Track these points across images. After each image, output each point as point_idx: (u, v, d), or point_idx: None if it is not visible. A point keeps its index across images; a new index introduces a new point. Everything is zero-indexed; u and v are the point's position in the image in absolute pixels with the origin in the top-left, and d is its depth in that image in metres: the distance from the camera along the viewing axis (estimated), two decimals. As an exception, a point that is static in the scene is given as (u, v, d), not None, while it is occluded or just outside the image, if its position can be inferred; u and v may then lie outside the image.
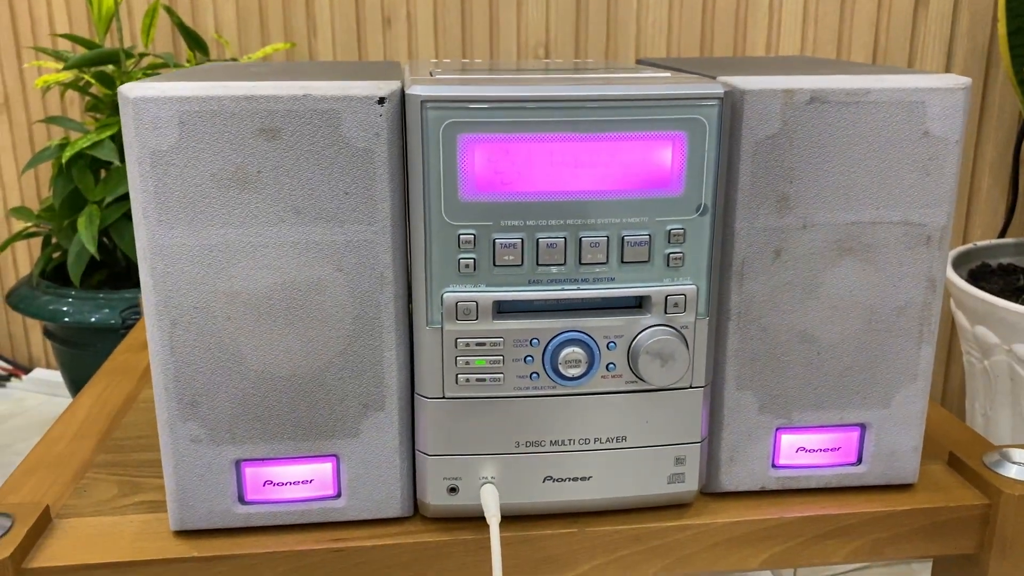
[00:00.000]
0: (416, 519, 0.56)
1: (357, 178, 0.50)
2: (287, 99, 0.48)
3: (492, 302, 0.51)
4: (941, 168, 0.54)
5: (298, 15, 1.31)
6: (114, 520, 0.56)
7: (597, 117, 0.49)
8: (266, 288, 0.51)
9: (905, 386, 0.58)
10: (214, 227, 0.49)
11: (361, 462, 0.54)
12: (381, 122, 0.49)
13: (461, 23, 1.28)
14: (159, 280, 0.50)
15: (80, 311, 1.22)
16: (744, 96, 0.51)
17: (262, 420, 0.53)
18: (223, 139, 0.48)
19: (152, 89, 0.47)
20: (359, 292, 0.51)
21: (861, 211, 0.54)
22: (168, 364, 0.51)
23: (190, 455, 0.53)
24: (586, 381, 0.53)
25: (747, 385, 0.56)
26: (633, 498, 0.56)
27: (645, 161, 0.50)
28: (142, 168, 0.48)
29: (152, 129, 0.48)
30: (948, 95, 0.53)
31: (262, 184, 0.49)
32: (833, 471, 0.59)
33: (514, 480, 0.54)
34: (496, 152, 0.49)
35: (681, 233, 0.52)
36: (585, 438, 0.54)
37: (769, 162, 0.53)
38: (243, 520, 0.54)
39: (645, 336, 0.52)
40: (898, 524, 0.58)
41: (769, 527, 0.57)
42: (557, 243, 0.51)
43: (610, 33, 1.25)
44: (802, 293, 0.55)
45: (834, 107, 0.52)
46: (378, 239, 0.51)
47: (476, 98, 0.48)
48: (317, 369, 0.52)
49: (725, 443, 0.57)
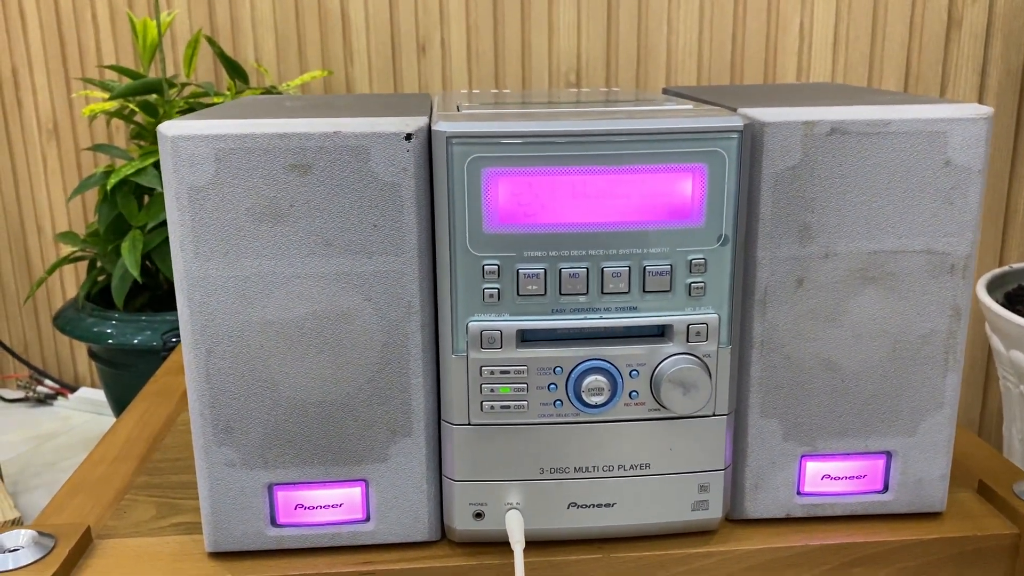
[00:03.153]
0: (443, 543, 0.57)
1: (385, 211, 0.51)
2: (318, 136, 0.50)
3: (516, 331, 0.52)
4: (964, 197, 0.54)
5: (335, 43, 1.35)
6: (152, 541, 0.58)
7: (618, 151, 0.50)
8: (298, 318, 0.52)
9: (931, 414, 0.58)
10: (248, 259, 0.51)
11: (389, 487, 0.56)
12: (408, 157, 0.50)
13: (494, 50, 1.30)
14: (196, 310, 0.52)
15: (123, 333, 1.25)
16: (764, 128, 0.52)
17: (294, 445, 0.54)
18: (257, 175, 0.50)
19: (189, 127, 0.50)
20: (387, 321, 0.53)
21: (883, 240, 0.54)
22: (204, 391, 0.53)
23: (224, 479, 0.55)
24: (609, 408, 0.54)
25: (771, 413, 0.57)
26: (657, 525, 0.56)
27: (666, 193, 0.51)
28: (180, 203, 0.50)
29: (189, 166, 0.50)
30: (970, 125, 0.53)
31: (294, 217, 0.51)
32: (859, 499, 0.59)
33: (539, 506, 0.55)
34: (519, 185, 0.50)
35: (702, 263, 0.52)
36: (609, 465, 0.55)
37: (790, 192, 0.53)
38: (275, 543, 0.56)
39: (667, 364, 0.53)
40: (926, 553, 0.58)
41: (794, 555, 0.57)
42: (579, 273, 0.52)
43: (640, 59, 1.26)
44: (825, 321, 0.55)
45: (854, 138, 0.53)
46: (405, 270, 0.52)
47: (500, 133, 0.49)
48: (347, 396, 0.54)
49: (750, 470, 0.58)
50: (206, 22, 1.38)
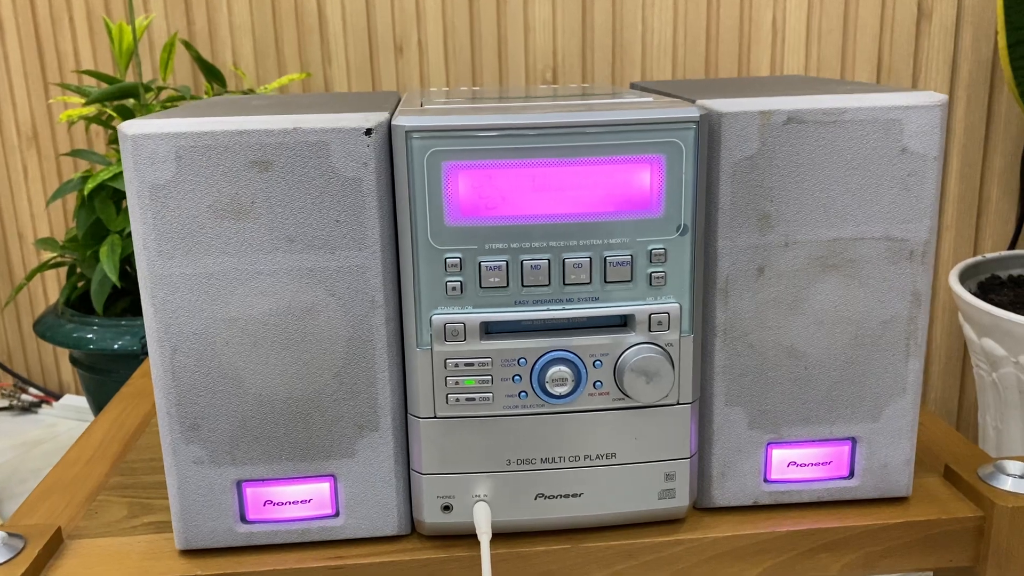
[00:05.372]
0: (413, 537, 0.58)
1: (347, 206, 0.51)
2: (278, 132, 0.50)
3: (479, 323, 0.53)
4: (921, 184, 0.55)
5: (313, 45, 1.35)
6: (123, 540, 0.58)
7: (577, 143, 0.51)
8: (262, 314, 0.53)
9: (894, 399, 0.58)
10: (211, 256, 0.52)
11: (358, 481, 0.56)
12: (369, 152, 0.51)
13: (471, 48, 1.31)
14: (160, 308, 0.52)
15: (103, 338, 1.25)
16: (721, 118, 0.53)
17: (261, 442, 0.55)
18: (218, 172, 0.50)
19: (149, 126, 0.50)
20: (351, 316, 0.53)
21: (842, 228, 0.55)
22: (170, 389, 0.54)
23: (193, 476, 0.55)
24: (574, 399, 0.54)
25: (736, 401, 0.57)
26: (625, 514, 0.57)
27: (625, 184, 0.52)
28: (141, 201, 0.51)
29: (150, 164, 0.50)
30: (925, 112, 0.54)
31: (256, 214, 0.51)
32: (825, 485, 0.60)
33: (507, 497, 0.56)
34: (479, 178, 0.51)
35: (663, 253, 0.53)
36: (575, 455, 0.55)
37: (749, 182, 0.54)
38: (245, 539, 0.56)
39: (630, 354, 0.53)
40: (892, 537, 0.59)
41: (762, 541, 0.58)
42: (541, 265, 0.52)
43: (616, 56, 1.27)
44: (787, 309, 0.56)
45: (811, 127, 0.53)
46: (368, 264, 0.52)
47: (458, 127, 0.50)
48: (313, 391, 0.54)
49: (716, 458, 0.58)
50: (183, 26, 1.38)
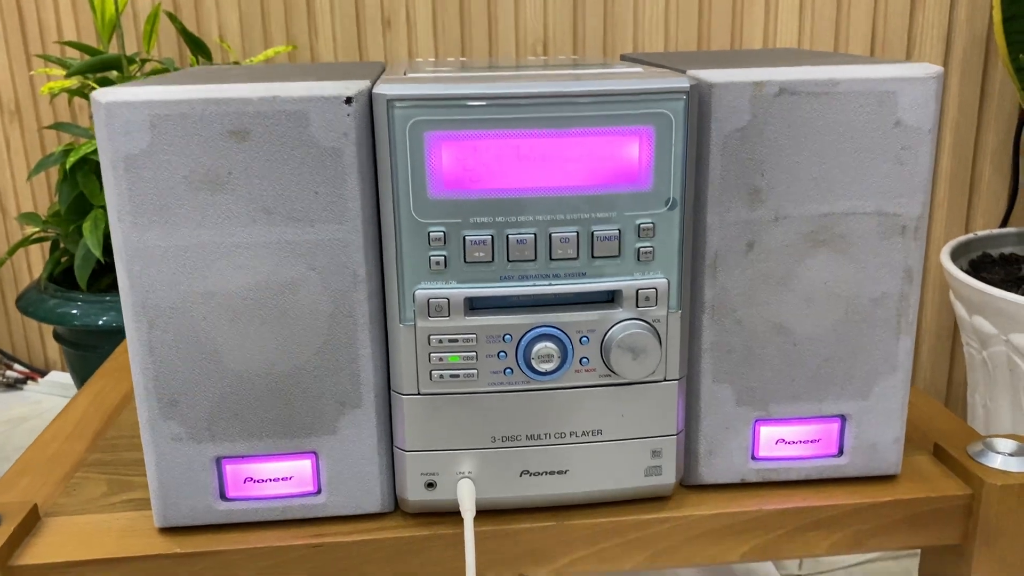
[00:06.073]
0: (396, 514, 0.57)
1: (327, 178, 0.50)
2: (255, 101, 0.49)
3: (464, 299, 0.52)
4: (915, 157, 0.54)
5: (299, 18, 1.32)
6: (101, 518, 0.57)
7: (563, 113, 0.49)
8: (241, 288, 0.51)
9: (884, 377, 0.57)
10: (188, 228, 0.50)
11: (340, 459, 0.55)
12: (349, 122, 0.49)
13: (460, 22, 1.29)
14: (135, 281, 0.51)
15: (88, 314, 1.23)
16: (712, 89, 0.52)
17: (241, 418, 0.54)
18: (193, 141, 0.49)
19: (123, 94, 0.48)
20: (332, 291, 0.52)
21: (834, 202, 0.54)
22: (147, 364, 0.52)
23: (171, 453, 0.54)
24: (560, 375, 0.53)
25: (723, 378, 0.56)
26: (611, 491, 0.56)
27: (613, 156, 0.50)
28: (116, 171, 0.49)
29: (124, 133, 0.49)
30: (919, 84, 0.52)
31: (233, 185, 0.50)
32: (814, 463, 0.59)
33: (491, 475, 0.55)
34: (463, 149, 0.49)
35: (651, 227, 0.52)
36: (561, 432, 0.55)
37: (739, 155, 0.53)
38: (225, 516, 0.55)
39: (617, 330, 0.52)
40: (880, 515, 0.58)
41: (749, 519, 0.57)
42: (527, 239, 0.51)
43: (607, 29, 1.25)
44: (777, 285, 0.55)
45: (803, 99, 0.52)
46: (350, 238, 0.51)
47: (441, 96, 0.49)
48: (293, 367, 0.53)
49: (703, 436, 0.57)
50: (167, -3, 1.35)
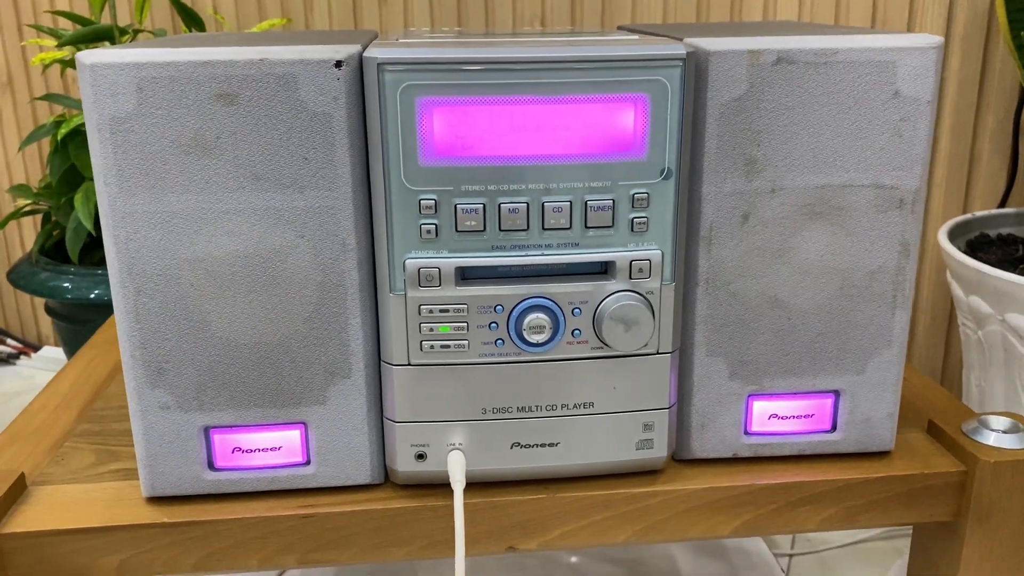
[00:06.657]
0: (386, 486, 0.56)
1: (316, 143, 0.49)
2: (243, 63, 0.48)
3: (455, 268, 0.51)
4: (913, 129, 0.53)
5: (294, -10, 1.31)
6: (89, 487, 0.57)
7: (557, 79, 0.48)
8: (229, 255, 0.51)
9: (879, 352, 0.57)
10: (175, 194, 0.49)
11: (329, 429, 0.54)
12: (339, 86, 0.49)
13: (457, -4, 1.27)
14: (122, 248, 0.50)
15: (79, 287, 1.22)
16: (709, 57, 0.51)
17: (229, 387, 0.53)
18: (181, 105, 0.48)
19: (109, 56, 0.47)
20: (322, 259, 0.51)
21: (831, 174, 0.53)
22: (134, 332, 0.52)
23: (159, 422, 0.53)
24: (551, 347, 0.53)
25: (717, 351, 0.56)
26: (602, 464, 0.56)
27: (607, 124, 0.50)
28: (102, 135, 0.48)
29: (110, 96, 0.48)
30: (919, 54, 0.52)
31: (221, 150, 0.49)
32: (807, 438, 0.59)
33: (482, 447, 0.54)
34: (455, 115, 0.49)
35: (645, 198, 0.51)
36: (552, 404, 0.54)
37: (736, 125, 0.52)
38: (213, 487, 0.55)
39: (610, 302, 0.52)
40: (873, 491, 0.58)
41: (741, 494, 0.57)
42: (519, 208, 0.50)
43: (605, 4, 1.23)
44: (772, 258, 0.54)
45: (801, 68, 0.51)
46: (339, 205, 0.50)
47: (432, 60, 0.48)
48: (282, 336, 0.52)
49: (696, 409, 0.57)
50: (160, -33, 1.33)
